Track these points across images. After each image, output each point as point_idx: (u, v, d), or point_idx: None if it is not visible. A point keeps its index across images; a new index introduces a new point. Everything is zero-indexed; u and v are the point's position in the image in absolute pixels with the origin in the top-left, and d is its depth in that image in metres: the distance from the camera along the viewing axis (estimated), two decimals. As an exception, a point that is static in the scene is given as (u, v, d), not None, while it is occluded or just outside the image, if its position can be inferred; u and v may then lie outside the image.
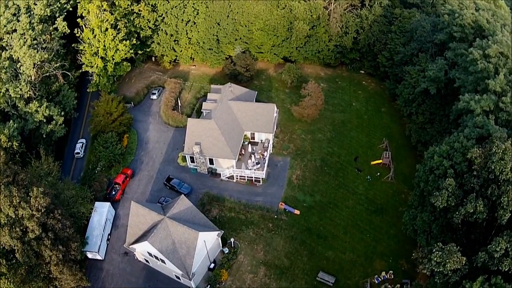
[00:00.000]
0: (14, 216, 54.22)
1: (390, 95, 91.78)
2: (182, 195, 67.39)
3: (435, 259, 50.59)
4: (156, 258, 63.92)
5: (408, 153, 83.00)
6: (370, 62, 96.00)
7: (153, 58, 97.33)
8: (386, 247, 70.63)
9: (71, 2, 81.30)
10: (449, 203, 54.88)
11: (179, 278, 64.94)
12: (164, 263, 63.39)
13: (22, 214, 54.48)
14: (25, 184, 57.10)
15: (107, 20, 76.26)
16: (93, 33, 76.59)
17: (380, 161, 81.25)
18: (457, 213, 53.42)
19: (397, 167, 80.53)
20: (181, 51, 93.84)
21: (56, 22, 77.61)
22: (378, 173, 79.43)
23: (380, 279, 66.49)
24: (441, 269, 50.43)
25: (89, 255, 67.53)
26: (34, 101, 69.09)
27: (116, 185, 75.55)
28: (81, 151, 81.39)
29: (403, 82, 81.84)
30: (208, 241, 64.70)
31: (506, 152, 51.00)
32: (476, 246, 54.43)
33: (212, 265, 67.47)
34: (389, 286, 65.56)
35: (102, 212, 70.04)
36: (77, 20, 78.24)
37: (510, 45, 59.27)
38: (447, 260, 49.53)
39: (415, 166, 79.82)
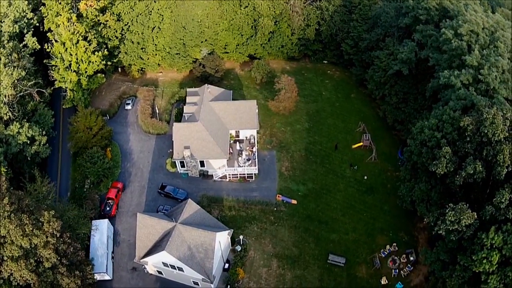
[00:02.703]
0: (28, 247, 50.73)
1: (357, 81, 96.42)
2: (189, 199, 66.72)
3: (449, 218, 54.82)
4: (173, 267, 62.75)
5: (384, 133, 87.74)
6: (333, 51, 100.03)
7: (119, 68, 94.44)
8: (384, 223, 74.57)
9: (36, 17, 76.95)
10: (448, 169, 59.49)
11: (197, 283, 64.28)
12: (182, 271, 62.45)
13: (37, 243, 51.15)
14: (31, 210, 53.69)
15: (78, 32, 73.15)
16: (64, 46, 73.05)
17: (361, 143, 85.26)
18: (457, 176, 57.99)
19: (377, 147, 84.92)
20: (148, 58, 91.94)
21: (25, 38, 73.11)
22: (356, 167, 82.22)
23: (386, 253, 70.25)
24: (455, 227, 54.85)
25: (97, 277, 64.41)
26: (15, 122, 64.82)
27: (110, 200, 72.87)
28: None
29: (372, 66, 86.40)
30: (222, 242, 64.72)
31: (496, 116, 56.38)
32: (475, 205, 59.34)
33: (226, 265, 67.47)
34: (396, 257, 69.62)
35: (102, 230, 67.39)
36: (47, 34, 74.35)
37: (479, 23, 65.34)
38: (461, 217, 54.00)
39: (394, 144, 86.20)
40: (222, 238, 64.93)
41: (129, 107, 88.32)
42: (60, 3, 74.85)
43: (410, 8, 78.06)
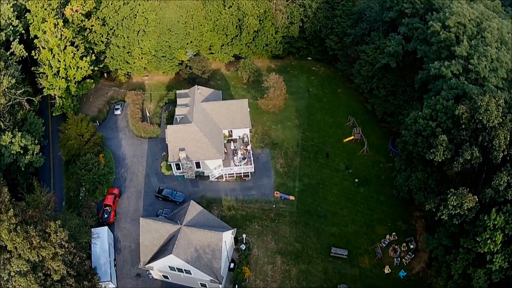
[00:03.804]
0: (36, 260, 49.21)
1: (343, 76, 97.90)
2: (192, 200, 66.24)
3: (451, 203, 56.60)
4: (180, 270, 62.18)
5: (374, 126, 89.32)
6: (317, 48, 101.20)
7: (105, 73, 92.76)
8: (381, 213, 75.97)
9: (21, 24, 74.69)
10: (445, 156, 61.31)
11: (205, 285, 63.93)
12: (190, 273, 62.00)
13: (45, 255, 49.69)
14: (35, 221, 52.18)
15: (66, 37, 71.51)
16: (51, 53, 71.24)
17: (352, 137, 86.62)
18: (455, 163, 59.90)
19: (368, 140, 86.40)
20: (134, 62, 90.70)
21: (11, 46, 70.88)
22: (350, 169, 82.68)
23: (386, 242, 71.60)
24: (458, 211, 56.63)
25: (102, 286, 62.94)
26: (7, 132, 62.82)
27: (107, 207, 71.57)
28: None
29: (359, 61, 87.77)
30: (227, 241, 64.54)
31: (489, 103, 58.50)
32: (472, 189, 61.32)
33: (232, 265, 67.33)
34: (396, 246, 71.09)
35: (103, 237, 66.07)
36: (35, 41, 72.46)
37: (466, 15, 67.62)
38: (463, 201, 55.80)
39: (384, 136, 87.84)
40: (227, 238, 64.76)
41: (118, 112, 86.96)
42: (45, 9, 73.08)
43: (395, 2, 79.89)
